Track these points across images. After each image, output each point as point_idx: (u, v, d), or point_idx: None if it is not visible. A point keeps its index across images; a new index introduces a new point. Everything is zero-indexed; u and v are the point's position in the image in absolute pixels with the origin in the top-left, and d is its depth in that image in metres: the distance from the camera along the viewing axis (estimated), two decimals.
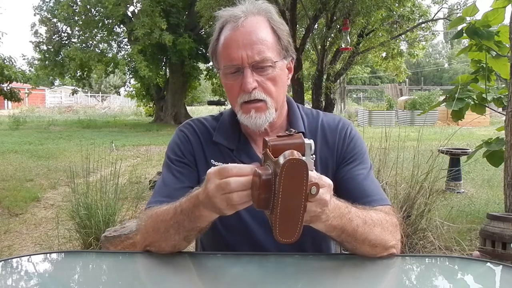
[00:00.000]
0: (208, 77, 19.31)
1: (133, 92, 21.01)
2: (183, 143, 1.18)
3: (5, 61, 9.21)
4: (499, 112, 4.24)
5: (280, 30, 1.10)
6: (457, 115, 3.68)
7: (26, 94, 13.18)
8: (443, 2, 10.96)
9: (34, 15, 17.57)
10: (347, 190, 1.09)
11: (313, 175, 0.81)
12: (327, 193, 0.83)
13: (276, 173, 0.74)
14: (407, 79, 19.86)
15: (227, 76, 1.09)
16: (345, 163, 1.16)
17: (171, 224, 0.99)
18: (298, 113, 1.20)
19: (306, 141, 0.82)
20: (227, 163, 1.11)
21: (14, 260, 1.07)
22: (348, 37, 8.89)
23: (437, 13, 10.90)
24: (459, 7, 10.79)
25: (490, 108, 3.97)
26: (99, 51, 16.49)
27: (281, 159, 0.73)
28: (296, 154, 0.74)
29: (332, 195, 0.87)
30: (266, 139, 0.83)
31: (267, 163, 0.80)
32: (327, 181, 0.83)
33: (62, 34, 17.50)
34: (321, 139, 1.18)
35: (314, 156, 0.82)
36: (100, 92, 40.96)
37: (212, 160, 1.16)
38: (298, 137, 0.82)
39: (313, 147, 0.82)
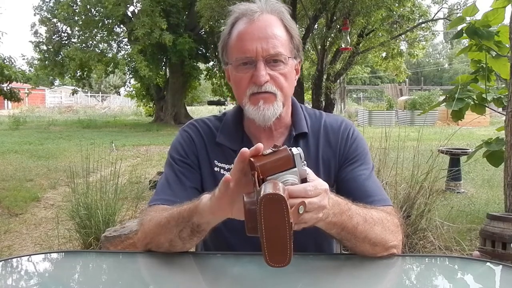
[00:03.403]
0: (208, 77, 19.30)
1: (133, 92, 21.01)
2: (186, 144, 1.18)
3: (5, 61, 9.21)
4: (499, 112, 4.24)
5: (293, 29, 1.11)
6: (457, 115, 3.68)
7: (26, 94, 13.17)
8: (443, 2, 10.97)
9: (34, 15, 17.58)
10: (349, 191, 1.09)
11: (312, 177, 0.82)
12: (324, 199, 0.83)
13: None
14: (407, 79, 19.87)
15: (238, 68, 1.08)
16: (347, 163, 1.16)
17: (173, 225, 1.00)
18: (301, 114, 1.20)
19: (295, 150, 0.81)
20: (230, 164, 1.12)
21: (14, 260, 1.07)
22: (348, 37, 8.90)
23: (437, 13, 10.92)
24: (459, 7, 10.81)
25: (490, 108, 3.97)
26: (99, 51, 16.49)
27: (261, 192, 0.72)
28: (275, 188, 0.72)
29: (330, 194, 0.88)
30: (252, 160, 0.81)
31: (253, 191, 0.79)
32: (323, 187, 0.83)
33: (62, 34, 17.50)
34: (324, 139, 1.18)
35: (305, 162, 0.82)
36: (100, 92, 40.95)
37: (215, 161, 1.16)
38: (284, 151, 0.81)
39: (302, 156, 0.82)
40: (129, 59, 16.18)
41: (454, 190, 5.27)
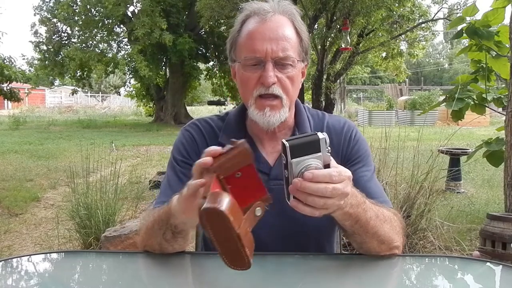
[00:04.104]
0: (208, 77, 19.30)
1: (133, 92, 21.02)
2: (188, 143, 1.18)
3: (5, 61, 9.21)
4: (499, 112, 4.24)
5: (303, 32, 1.11)
6: (457, 115, 3.68)
7: (26, 94, 13.17)
8: (443, 2, 10.97)
9: (34, 15, 17.58)
10: None
11: (334, 164, 0.82)
12: (348, 186, 0.83)
13: None
14: (407, 79, 19.87)
15: (246, 67, 1.08)
16: (349, 164, 1.16)
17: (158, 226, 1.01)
18: (305, 114, 1.20)
19: (321, 135, 0.80)
20: None
21: (14, 260, 1.07)
22: (348, 37, 8.90)
23: (437, 13, 10.92)
24: (459, 7, 10.81)
25: (490, 108, 3.96)
26: (99, 51, 16.48)
27: (203, 204, 0.70)
28: (214, 201, 0.69)
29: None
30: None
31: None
32: (346, 174, 0.83)
33: (62, 34, 17.50)
34: None
35: (329, 148, 0.82)
36: (100, 92, 40.97)
37: None
38: (240, 146, 0.79)
39: (327, 140, 0.81)
40: (129, 59, 16.17)
41: (454, 190, 5.27)
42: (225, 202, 0.70)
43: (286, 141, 0.80)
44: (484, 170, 6.40)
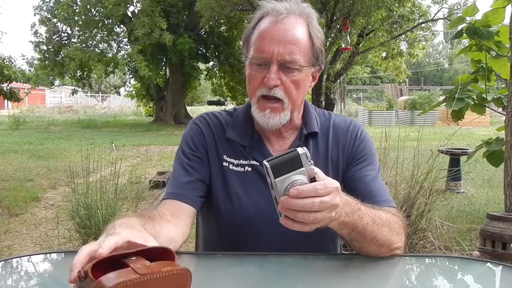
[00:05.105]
0: (208, 77, 19.30)
1: (133, 92, 21.00)
2: (196, 136, 1.19)
3: (5, 61, 9.21)
4: (499, 112, 4.24)
5: (316, 37, 1.10)
6: (457, 115, 3.68)
7: (26, 94, 13.17)
8: (443, 2, 10.98)
9: (34, 15, 17.57)
10: (355, 190, 1.10)
11: (321, 176, 0.81)
12: (336, 197, 0.83)
13: None
14: (407, 79, 19.88)
15: (253, 66, 1.09)
16: (354, 163, 1.17)
17: None
18: (313, 114, 1.21)
19: (300, 150, 0.79)
20: (239, 160, 1.15)
21: (14, 260, 1.07)
22: (348, 37, 8.90)
23: (437, 13, 10.93)
24: (459, 7, 10.81)
25: (490, 108, 3.96)
26: (99, 51, 16.48)
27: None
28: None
29: (341, 193, 0.87)
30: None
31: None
32: (333, 185, 0.82)
33: (62, 34, 17.49)
34: (333, 139, 1.19)
35: (312, 162, 0.81)
36: (100, 92, 40.95)
37: (224, 156, 1.17)
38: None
39: (308, 155, 0.80)
40: (129, 59, 16.16)
41: (454, 190, 5.27)
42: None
43: (267, 161, 0.79)
44: (484, 170, 6.40)
